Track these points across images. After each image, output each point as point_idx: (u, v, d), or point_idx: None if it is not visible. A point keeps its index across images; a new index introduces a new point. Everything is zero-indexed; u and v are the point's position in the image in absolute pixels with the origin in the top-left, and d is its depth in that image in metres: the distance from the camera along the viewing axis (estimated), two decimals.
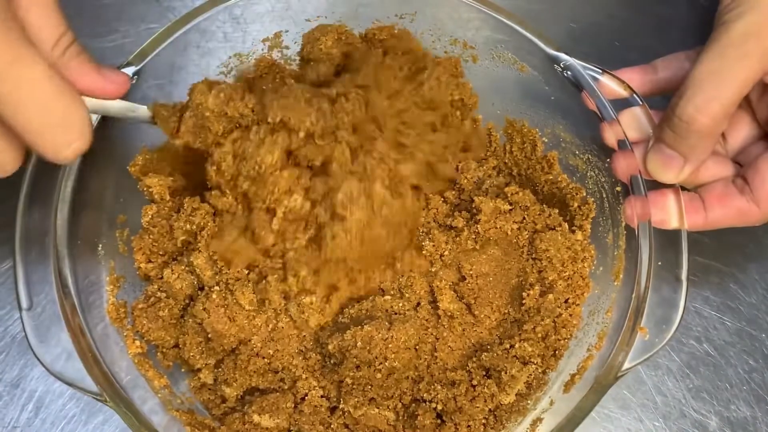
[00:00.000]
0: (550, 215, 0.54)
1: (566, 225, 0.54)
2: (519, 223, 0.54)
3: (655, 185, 0.50)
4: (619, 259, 0.51)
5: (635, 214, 0.49)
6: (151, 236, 0.54)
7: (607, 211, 0.53)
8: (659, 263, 0.48)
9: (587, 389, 0.45)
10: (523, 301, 0.52)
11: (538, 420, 0.48)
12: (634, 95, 0.51)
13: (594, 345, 0.49)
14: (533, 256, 0.53)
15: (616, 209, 0.52)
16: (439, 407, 0.49)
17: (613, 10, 0.71)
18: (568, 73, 0.52)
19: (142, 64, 0.51)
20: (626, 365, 0.45)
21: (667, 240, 0.48)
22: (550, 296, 0.51)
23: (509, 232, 0.54)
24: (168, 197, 0.55)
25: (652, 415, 0.56)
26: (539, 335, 0.50)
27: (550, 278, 0.52)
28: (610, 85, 0.51)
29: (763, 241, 0.62)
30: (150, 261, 0.54)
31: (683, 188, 0.51)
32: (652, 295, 0.47)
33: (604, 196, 0.53)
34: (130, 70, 0.50)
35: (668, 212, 0.48)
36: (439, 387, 0.49)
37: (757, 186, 0.50)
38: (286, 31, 0.59)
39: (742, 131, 0.54)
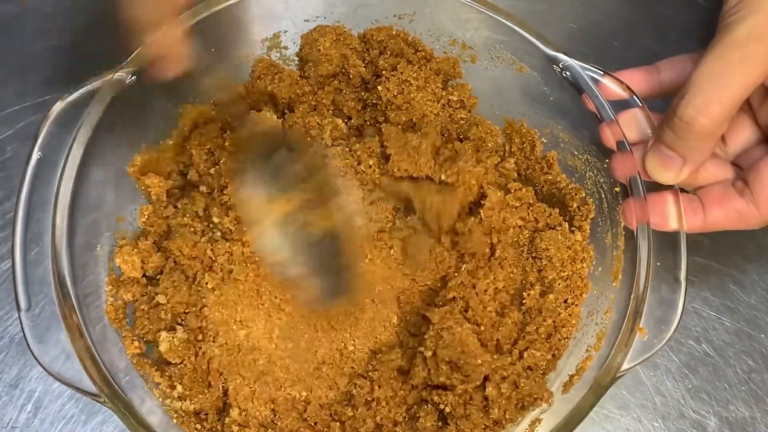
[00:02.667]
0: (550, 215, 0.54)
1: (566, 225, 0.54)
2: (523, 220, 0.54)
3: (654, 187, 0.50)
4: (618, 259, 0.51)
5: (634, 218, 0.49)
6: (149, 237, 0.54)
7: (606, 212, 0.53)
8: (658, 264, 0.48)
9: (586, 390, 0.45)
10: (524, 301, 0.52)
11: (536, 421, 0.48)
12: (634, 97, 0.51)
13: (593, 345, 0.49)
14: (533, 255, 0.53)
15: (615, 210, 0.52)
16: (447, 409, 0.49)
17: (612, 11, 0.71)
18: (567, 73, 0.52)
19: (139, 66, 0.51)
20: (625, 366, 0.45)
21: (666, 240, 0.48)
22: (551, 296, 0.51)
23: (512, 229, 0.54)
24: (165, 198, 0.55)
25: (651, 415, 0.56)
26: (542, 336, 0.50)
27: (550, 277, 0.52)
28: (609, 86, 0.51)
29: (762, 241, 0.62)
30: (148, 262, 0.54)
31: (683, 190, 0.51)
32: (650, 295, 0.47)
33: (603, 196, 0.53)
34: (128, 71, 0.50)
35: (667, 214, 0.48)
36: (441, 388, 0.49)
37: (758, 189, 0.49)
38: (285, 32, 0.59)
39: (743, 135, 0.54)
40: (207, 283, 0.52)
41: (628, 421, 0.56)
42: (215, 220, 0.53)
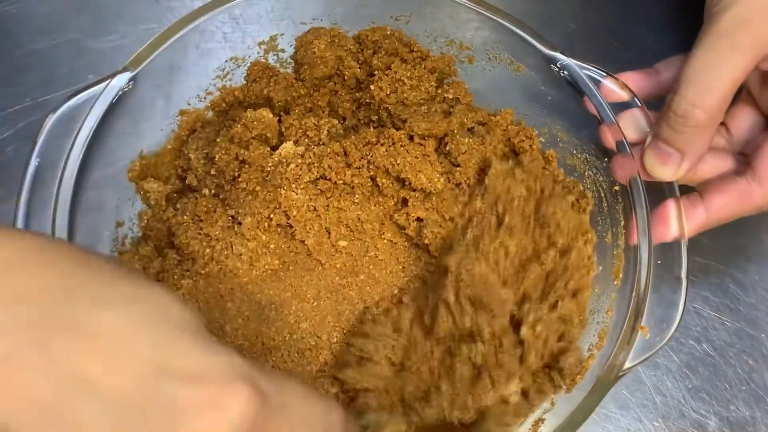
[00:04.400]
0: (553, 188, 0.53)
1: (570, 197, 0.53)
2: (528, 190, 0.53)
3: (655, 190, 0.49)
4: (619, 258, 0.51)
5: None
6: (149, 242, 0.54)
7: (606, 210, 0.53)
8: (659, 262, 0.48)
9: (588, 389, 0.45)
10: (543, 261, 0.50)
11: (539, 421, 0.48)
12: (634, 97, 0.51)
13: (595, 344, 0.49)
14: (540, 223, 0.52)
15: (615, 208, 0.52)
16: (479, 360, 0.47)
17: (612, 10, 0.71)
18: (565, 72, 0.52)
19: (138, 70, 0.50)
20: (627, 364, 0.45)
21: None
22: (573, 253, 0.50)
23: (516, 199, 0.52)
24: (164, 203, 0.55)
25: (652, 415, 0.56)
26: (570, 291, 0.49)
27: (561, 241, 0.50)
28: (608, 87, 0.51)
29: (763, 241, 0.62)
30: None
31: (688, 187, 0.51)
32: (651, 294, 0.47)
33: (603, 195, 0.53)
34: (126, 76, 0.50)
35: (668, 221, 0.48)
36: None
37: (759, 165, 0.48)
38: (282, 34, 0.58)
39: (747, 122, 0.53)
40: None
41: (629, 421, 0.56)
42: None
